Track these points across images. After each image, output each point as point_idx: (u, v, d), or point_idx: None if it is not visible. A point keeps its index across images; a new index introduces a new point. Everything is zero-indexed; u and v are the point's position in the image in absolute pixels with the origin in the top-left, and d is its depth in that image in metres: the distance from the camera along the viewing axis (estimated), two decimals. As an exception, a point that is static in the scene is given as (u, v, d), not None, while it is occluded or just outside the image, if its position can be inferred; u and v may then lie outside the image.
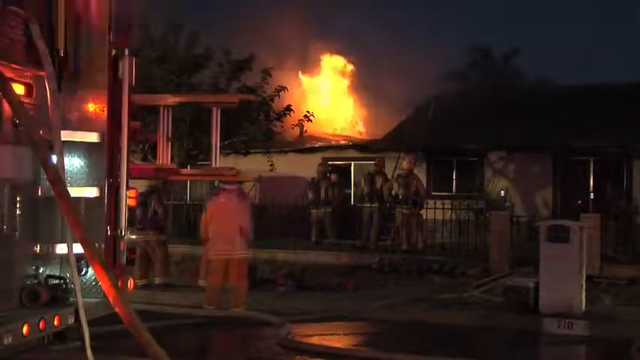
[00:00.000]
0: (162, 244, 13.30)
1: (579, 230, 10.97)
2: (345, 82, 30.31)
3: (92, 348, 5.62)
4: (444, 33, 27.81)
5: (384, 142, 22.92)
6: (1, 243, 5.61)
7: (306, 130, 21.07)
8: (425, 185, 18.70)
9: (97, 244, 5.85)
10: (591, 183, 20.45)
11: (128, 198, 6.38)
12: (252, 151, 19.53)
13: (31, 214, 5.88)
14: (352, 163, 22.79)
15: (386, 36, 28.48)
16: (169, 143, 7.69)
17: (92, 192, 6.22)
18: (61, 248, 5.96)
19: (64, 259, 6.02)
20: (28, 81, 5.87)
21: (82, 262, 5.96)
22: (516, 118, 21.46)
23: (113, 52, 6.33)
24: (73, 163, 6.21)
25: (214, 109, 7.64)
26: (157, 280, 13.04)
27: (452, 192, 21.09)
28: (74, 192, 5.81)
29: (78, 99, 6.25)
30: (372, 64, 28.55)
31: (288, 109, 19.07)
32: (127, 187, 6.39)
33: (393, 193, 17.34)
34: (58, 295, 6.00)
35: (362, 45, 28.41)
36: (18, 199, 5.76)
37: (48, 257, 6.10)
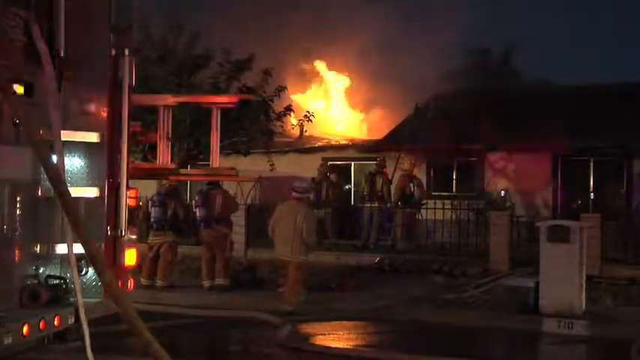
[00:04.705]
0: (174, 246, 13.28)
1: (579, 230, 10.97)
2: (345, 83, 30.27)
3: (92, 348, 5.61)
4: (443, 33, 27.63)
5: (384, 142, 22.93)
6: (1, 243, 5.59)
7: (306, 130, 21.06)
8: (425, 185, 18.69)
9: (97, 244, 5.84)
10: (591, 183, 20.46)
11: (128, 198, 6.38)
12: (252, 151, 19.52)
13: (31, 214, 5.86)
14: (352, 163, 22.79)
15: (386, 36, 28.41)
16: (169, 143, 7.70)
17: (92, 192, 6.20)
18: (61, 248, 5.94)
19: (64, 259, 6.01)
20: (28, 81, 5.85)
21: (82, 262, 5.95)
22: (516, 118, 21.45)
23: (113, 52, 6.33)
24: (73, 163, 6.19)
25: (214, 109, 7.65)
26: (159, 283, 13.02)
27: (452, 192, 21.11)
28: (74, 192, 5.78)
29: (78, 99, 6.23)
30: (371, 64, 28.51)
31: (289, 109, 19.07)
32: (127, 187, 6.39)
33: (393, 192, 17.35)
34: (58, 295, 5.98)
35: (362, 45, 28.36)
36: (18, 199, 5.74)
37: (48, 257, 6.07)
